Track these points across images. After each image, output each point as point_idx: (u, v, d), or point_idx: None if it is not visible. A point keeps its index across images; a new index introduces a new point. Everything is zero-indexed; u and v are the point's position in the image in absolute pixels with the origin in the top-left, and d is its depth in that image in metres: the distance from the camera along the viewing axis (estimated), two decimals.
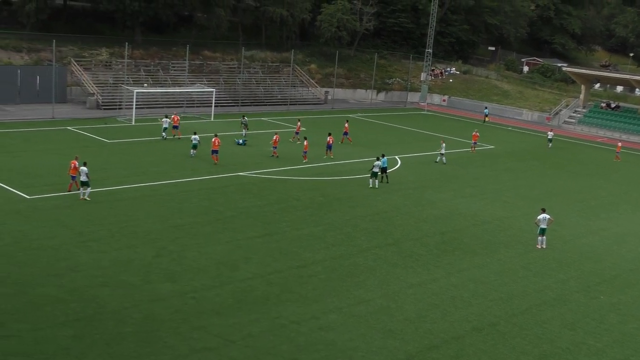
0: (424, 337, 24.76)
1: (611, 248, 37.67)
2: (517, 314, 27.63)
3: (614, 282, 32.55)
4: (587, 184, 52.45)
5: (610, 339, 26.25)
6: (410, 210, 40.93)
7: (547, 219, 35.72)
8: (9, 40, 71.71)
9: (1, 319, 23.04)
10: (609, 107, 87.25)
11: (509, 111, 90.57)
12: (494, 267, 32.72)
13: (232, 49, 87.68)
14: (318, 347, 23.24)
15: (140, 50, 79.15)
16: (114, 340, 22.36)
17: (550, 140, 68.22)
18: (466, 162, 56.58)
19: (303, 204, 39.98)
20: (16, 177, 39.84)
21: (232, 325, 24.17)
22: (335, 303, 26.88)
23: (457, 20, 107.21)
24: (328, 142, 52.69)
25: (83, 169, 36.65)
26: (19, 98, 64.25)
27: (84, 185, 36.63)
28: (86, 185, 36.60)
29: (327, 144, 52.67)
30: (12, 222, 32.32)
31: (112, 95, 68.28)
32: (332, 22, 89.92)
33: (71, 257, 28.91)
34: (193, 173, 44.47)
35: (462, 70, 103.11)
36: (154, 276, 27.78)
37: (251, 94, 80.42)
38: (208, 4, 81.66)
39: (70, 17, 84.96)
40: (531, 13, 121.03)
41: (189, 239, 32.31)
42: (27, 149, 47.38)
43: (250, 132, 57.69)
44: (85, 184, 36.58)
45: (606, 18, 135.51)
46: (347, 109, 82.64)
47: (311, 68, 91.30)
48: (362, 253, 32.75)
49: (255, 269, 29.58)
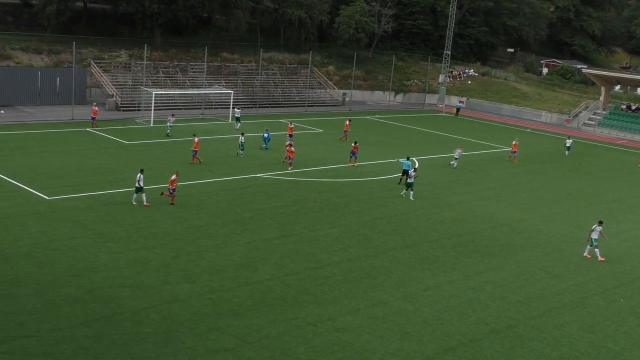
0: (441, 340, 24.72)
1: (630, 251, 37.40)
2: (535, 317, 27.51)
3: (633, 284, 32.32)
4: (606, 186, 52.09)
5: (629, 343, 26.07)
6: (427, 212, 40.86)
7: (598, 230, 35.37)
8: (30, 42, 72.43)
9: (21, 319, 23.27)
10: (630, 109, 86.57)
11: (527, 113, 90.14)
12: (511, 270, 32.60)
13: (251, 50, 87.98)
14: (334, 348, 23.26)
15: (159, 52, 79.62)
16: (133, 340, 22.52)
17: (568, 148, 64.64)
18: (484, 164, 56.36)
19: (320, 206, 40.03)
20: (36, 178, 40.21)
21: (249, 326, 24.26)
22: (351, 305, 26.90)
23: (476, 22, 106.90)
24: (353, 149, 51.13)
25: (140, 176, 36.49)
26: (39, 99, 64.85)
27: (138, 191, 36.58)
28: (140, 191, 36.54)
29: (352, 151, 51.22)
30: (32, 223, 32.62)
31: (131, 97, 68.75)
32: (350, 23, 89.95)
33: (90, 257, 29.14)
34: (211, 174, 44.66)
35: (480, 72, 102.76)
36: (173, 277, 27.93)
37: (269, 95, 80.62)
38: (227, 6, 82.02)
39: (90, 20, 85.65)
40: (551, 15, 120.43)
41: (207, 240, 32.46)
42: (46, 150, 47.80)
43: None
44: (139, 189, 36.53)
45: (627, 19, 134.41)
46: (365, 111, 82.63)
47: (329, 70, 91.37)
48: (378, 255, 32.74)
49: (273, 270, 29.67)
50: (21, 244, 29.88)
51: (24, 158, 44.98)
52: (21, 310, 23.83)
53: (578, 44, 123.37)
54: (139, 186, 36.42)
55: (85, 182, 40.15)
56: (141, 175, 36.57)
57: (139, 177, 36.41)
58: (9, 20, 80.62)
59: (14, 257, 28.38)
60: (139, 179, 36.37)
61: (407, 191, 43.19)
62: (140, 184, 36.41)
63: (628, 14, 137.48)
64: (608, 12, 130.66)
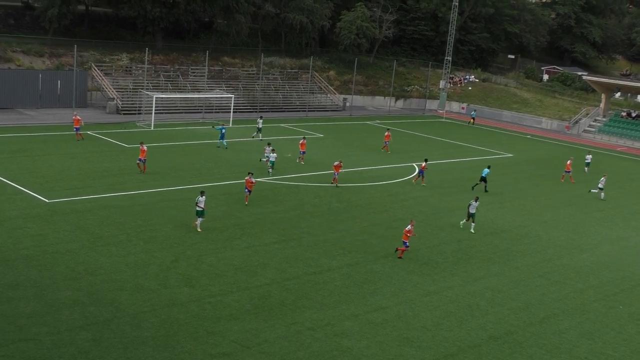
0: (440, 345, 24.70)
1: (630, 257, 37.39)
2: (535, 323, 27.50)
3: (632, 291, 32.30)
4: (607, 193, 52.03)
5: (628, 349, 26.06)
6: (428, 217, 40.85)
7: None
8: (31, 45, 72.50)
9: (20, 322, 23.25)
10: (630, 116, 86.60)
11: (528, 119, 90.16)
12: (511, 276, 32.59)
13: (252, 55, 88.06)
14: (334, 353, 23.25)
15: (161, 55, 79.69)
16: (132, 344, 22.51)
17: (587, 164, 60.64)
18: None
19: (320, 211, 40.02)
20: (36, 181, 40.22)
21: (248, 330, 24.25)
22: (351, 310, 26.88)
23: (477, 28, 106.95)
24: (422, 167, 48.80)
25: (200, 199, 34.05)
26: (40, 102, 64.86)
27: (200, 215, 34.17)
28: (201, 215, 34.33)
29: (420, 170, 48.99)
30: (32, 226, 32.62)
31: (131, 100, 68.77)
32: (351, 29, 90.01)
33: (90, 261, 29.14)
34: (211, 178, 44.67)
35: (481, 78, 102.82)
36: (172, 281, 27.92)
37: (270, 100, 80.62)
38: (228, 10, 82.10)
39: (92, 23, 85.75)
40: (551, 21, 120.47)
41: (206, 244, 32.45)
42: (47, 153, 47.79)
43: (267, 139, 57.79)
44: (201, 213, 34.28)
45: (627, 27, 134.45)
46: (366, 116, 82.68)
47: (330, 75, 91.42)
48: (378, 260, 32.73)
49: (272, 274, 29.66)
50: (21, 247, 29.88)
51: (25, 161, 44.98)
52: (20, 314, 23.82)
53: (579, 50, 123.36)
54: (201, 209, 34.06)
55: (85, 186, 40.15)
56: (201, 197, 34.15)
57: (199, 199, 34.11)
58: (11, 22, 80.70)
59: (13, 260, 28.38)
60: (199, 201, 34.04)
61: (467, 221, 39.03)
62: (201, 206, 34.02)
63: (629, 22, 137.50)
64: (609, 20, 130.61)
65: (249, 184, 39.17)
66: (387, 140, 60.09)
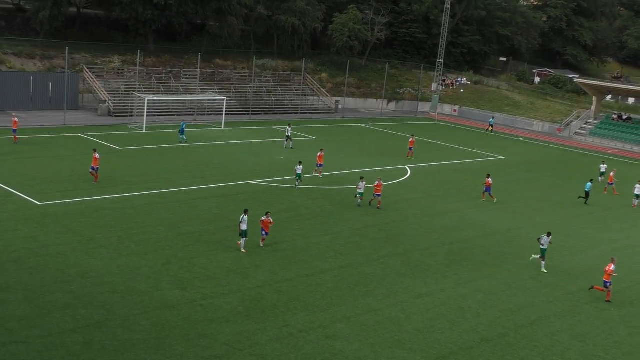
0: (432, 348, 24.71)
1: (622, 260, 37.37)
2: (526, 325, 27.54)
3: (624, 294, 32.38)
4: (598, 195, 52.16)
5: (619, 352, 26.12)
6: (420, 220, 40.89)
7: None
8: (23, 47, 72.27)
9: (10, 325, 23.15)
10: (621, 118, 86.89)
11: (519, 122, 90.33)
12: (502, 278, 32.62)
13: (244, 57, 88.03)
14: (326, 356, 23.22)
15: (153, 58, 79.57)
16: (123, 347, 22.43)
17: (602, 174, 58.14)
18: (476, 173, 56.41)
19: (312, 213, 40.01)
20: (27, 183, 40.07)
21: (240, 333, 24.21)
22: (343, 312, 26.87)
23: (469, 30, 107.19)
24: (487, 183, 47.08)
25: (245, 217, 32.29)
26: (32, 104, 64.67)
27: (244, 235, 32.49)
28: (245, 235, 32.50)
29: (486, 187, 47.12)
30: (23, 228, 32.49)
31: (123, 103, 68.65)
32: (343, 31, 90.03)
33: (81, 263, 29.04)
34: (203, 181, 44.60)
35: (473, 80, 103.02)
36: (164, 283, 27.85)
37: (262, 102, 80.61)
38: (221, 12, 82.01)
39: (83, 25, 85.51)
40: (543, 24, 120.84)
41: (198, 247, 32.39)
42: (38, 155, 47.64)
43: (261, 141, 57.81)
44: (245, 233, 32.48)
45: (618, 30, 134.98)
46: (358, 118, 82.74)
47: (322, 77, 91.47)
48: (370, 263, 32.73)
49: (264, 277, 29.62)
50: (11, 250, 29.75)
51: (16, 163, 44.82)
52: (11, 316, 23.71)
53: (570, 53, 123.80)
54: (244, 229, 32.37)
55: (76, 188, 40.03)
56: (245, 217, 32.33)
57: (243, 218, 32.30)
58: (2, 25, 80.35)
59: (4, 263, 28.26)
60: (242, 220, 32.29)
61: (539, 258, 34.52)
62: (243, 228, 32.29)
63: (620, 25, 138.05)
64: (600, 23, 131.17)
65: (266, 226, 33.22)
66: (411, 147, 60.01)
